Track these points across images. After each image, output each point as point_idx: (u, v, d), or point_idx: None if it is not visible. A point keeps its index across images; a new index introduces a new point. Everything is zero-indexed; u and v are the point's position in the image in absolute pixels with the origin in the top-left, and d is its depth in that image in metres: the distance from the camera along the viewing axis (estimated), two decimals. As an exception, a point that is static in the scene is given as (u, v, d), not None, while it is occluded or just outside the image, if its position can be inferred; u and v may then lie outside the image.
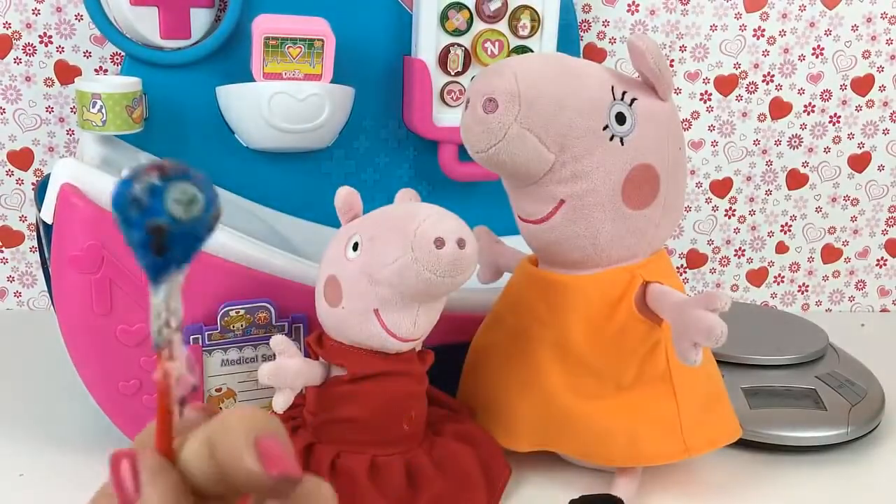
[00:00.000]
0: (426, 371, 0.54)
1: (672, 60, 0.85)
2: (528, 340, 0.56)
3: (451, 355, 0.59)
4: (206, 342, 0.55)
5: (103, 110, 0.64)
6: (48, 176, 0.55)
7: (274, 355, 0.52)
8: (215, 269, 0.55)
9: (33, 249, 0.83)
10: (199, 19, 0.71)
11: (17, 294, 0.84)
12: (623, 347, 0.54)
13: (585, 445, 0.55)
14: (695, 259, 0.92)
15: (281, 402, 0.51)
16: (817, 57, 0.86)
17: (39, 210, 0.56)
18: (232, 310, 0.55)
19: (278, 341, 0.52)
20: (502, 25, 0.75)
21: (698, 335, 0.48)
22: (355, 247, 0.51)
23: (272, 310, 0.56)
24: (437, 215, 0.49)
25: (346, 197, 0.54)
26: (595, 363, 0.55)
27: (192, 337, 0.55)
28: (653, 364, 0.55)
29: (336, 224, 0.54)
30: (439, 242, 0.47)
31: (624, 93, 0.52)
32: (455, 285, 0.49)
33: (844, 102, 0.88)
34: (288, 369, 0.51)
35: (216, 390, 0.57)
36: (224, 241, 0.55)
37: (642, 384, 0.55)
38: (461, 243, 0.48)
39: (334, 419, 0.52)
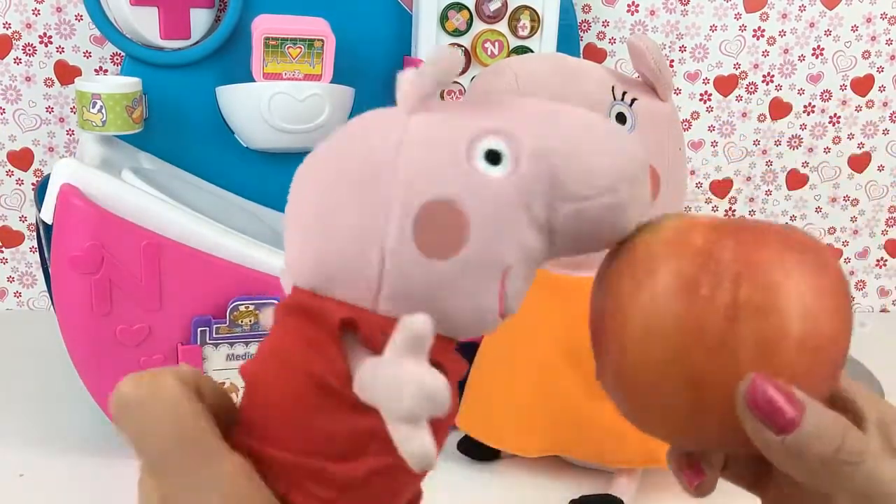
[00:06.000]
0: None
1: (672, 61, 0.85)
2: (537, 342, 0.56)
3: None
4: (214, 335, 0.56)
5: (103, 110, 0.64)
6: (48, 176, 0.55)
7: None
8: (217, 269, 0.55)
9: (33, 250, 0.83)
10: (199, 19, 0.71)
11: (17, 294, 0.84)
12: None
13: (600, 447, 0.55)
14: (695, 259, 0.92)
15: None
16: (817, 57, 0.86)
17: (39, 210, 0.56)
18: (241, 304, 0.55)
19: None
20: (502, 26, 0.75)
21: None
22: (494, 157, 0.29)
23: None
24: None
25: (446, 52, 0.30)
26: None
27: (199, 329, 0.55)
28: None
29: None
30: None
31: (624, 93, 0.52)
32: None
33: (844, 103, 0.88)
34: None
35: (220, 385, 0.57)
36: (223, 242, 0.55)
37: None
38: None
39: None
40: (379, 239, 0.28)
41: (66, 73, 0.78)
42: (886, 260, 0.93)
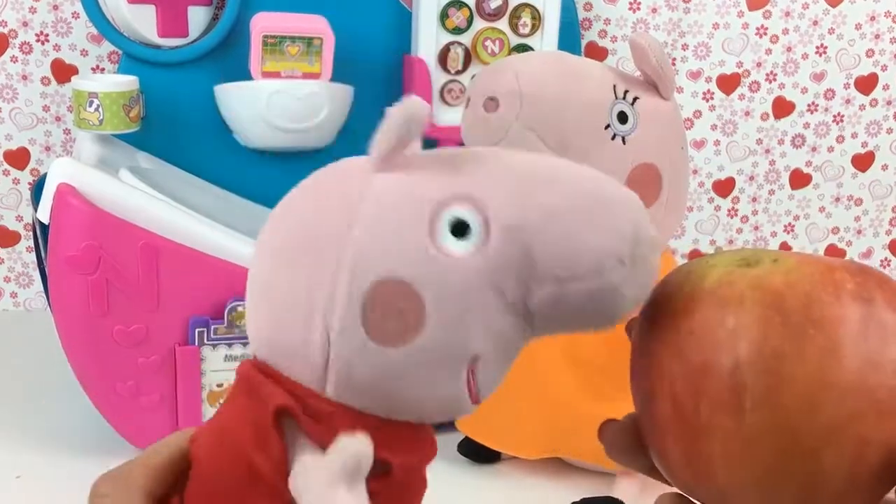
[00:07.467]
0: None
1: (674, 59, 0.85)
2: (537, 343, 0.56)
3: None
4: (211, 336, 0.55)
5: (100, 109, 0.63)
6: (45, 175, 0.55)
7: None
8: (215, 269, 0.54)
9: (30, 249, 0.82)
10: (197, 17, 0.70)
11: (14, 294, 0.83)
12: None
13: (601, 449, 0.55)
14: (697, 259, 0.92)
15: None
16: (820, 55, 0.86)
17: (36, 210, 0.55)
18: (240, 305, 0.55)
19: None
20: (503, 24, 0.74)
21: None
22: (461, 228, 0.25)
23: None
24: (643, 209, 0.27)
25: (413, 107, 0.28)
26: (605, 363, 0.54)
27: (197, 330, 0.55)
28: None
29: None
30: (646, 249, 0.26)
31: (626, 91, 0.52)
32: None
33: (848, 101, 0.87)
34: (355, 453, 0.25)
35: (217, 385, 0.57)
36: (221, 242, 0.55)
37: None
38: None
39: None
40: (322, 318, 0.25)
41: (62, 72, 0.77)
42: (890, 260, 0.93)
